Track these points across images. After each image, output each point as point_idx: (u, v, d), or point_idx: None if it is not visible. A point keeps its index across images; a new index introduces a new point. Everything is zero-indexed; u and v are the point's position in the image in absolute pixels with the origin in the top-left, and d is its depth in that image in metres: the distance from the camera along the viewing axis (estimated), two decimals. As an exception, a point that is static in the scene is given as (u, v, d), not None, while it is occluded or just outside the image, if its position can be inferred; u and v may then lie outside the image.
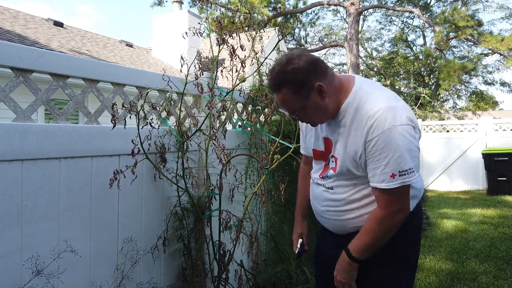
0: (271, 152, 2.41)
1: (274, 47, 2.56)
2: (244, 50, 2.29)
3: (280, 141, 2.47)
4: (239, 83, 2.37)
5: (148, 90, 1.95)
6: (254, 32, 2.41)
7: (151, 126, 1.91)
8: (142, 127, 1.88)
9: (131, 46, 12.17)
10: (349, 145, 1.39)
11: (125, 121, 1.82)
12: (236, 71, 2.32)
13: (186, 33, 2.19)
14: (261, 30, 2.44)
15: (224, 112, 2.42)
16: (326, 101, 1.38)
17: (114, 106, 1.73)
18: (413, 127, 1.31)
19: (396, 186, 1.29)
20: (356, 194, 1.44)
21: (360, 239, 1.40)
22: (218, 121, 2.41)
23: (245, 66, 2.33)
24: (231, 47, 2.26)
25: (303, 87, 1.35)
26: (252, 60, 2.38)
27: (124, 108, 1.81)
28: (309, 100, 1.37)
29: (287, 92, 1.36)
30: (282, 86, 1.36)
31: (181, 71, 2.09)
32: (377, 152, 1.30)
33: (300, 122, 1.66)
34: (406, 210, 1.38)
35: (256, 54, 2.37)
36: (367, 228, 1.38)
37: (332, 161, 1.47)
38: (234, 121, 2.80)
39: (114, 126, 1.72)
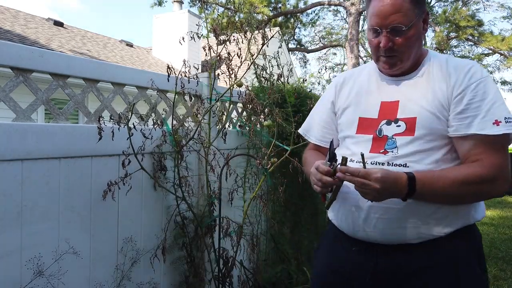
0: (268, 154, 2.41)
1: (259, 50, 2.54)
2: (240, 56, 2.28)
3: (277, 143, 2.47)
4: (232, 85, 2.36)
5: (135, 102, 1.91)
6: (255, 33, 2.40)
7: (144, 136, 1.88)
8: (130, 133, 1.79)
9: (131, 46, 12.17)
10: (432, 99, 1.20)
11: (113, 133, 1.73)
12: (235, 75, 2.31)
13: (183, 38, 2.18)
14: (262, 31, 2.43)
15: (223, 116, 2.41)
16: (422, 37, 1.26)
17: (100, 119, 1.68)
18: None
19: (501, 132, 1.10)
20: (441, 156, 1.19)
21: (434, 178, 1.12)
22: (218, 125, 2.40)
23: (237, 73, 2.32)
24: (227, 54, 2.25)
25: (421, 2, 1.22)
26: (248, 64, 2.38)
27: (112, 121, 1.74)
28: (418, 22, 1.22)
29: None
30: None
31: (181, 73, 2.09)
32: (476, 98, 1.15)
33: (320, 108, 1.50)
34: (504, 179, 1.12)
35: (252, 56, 2.36)
36: (453, 176, 1.12)
37: (398, 126, 1.23)
38: (234, 121, 2.80)
39: (100, 139, 1.66)
